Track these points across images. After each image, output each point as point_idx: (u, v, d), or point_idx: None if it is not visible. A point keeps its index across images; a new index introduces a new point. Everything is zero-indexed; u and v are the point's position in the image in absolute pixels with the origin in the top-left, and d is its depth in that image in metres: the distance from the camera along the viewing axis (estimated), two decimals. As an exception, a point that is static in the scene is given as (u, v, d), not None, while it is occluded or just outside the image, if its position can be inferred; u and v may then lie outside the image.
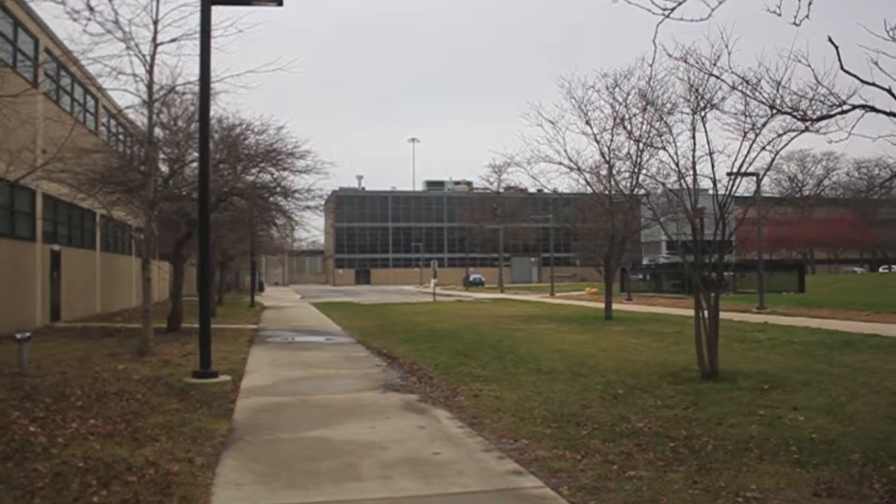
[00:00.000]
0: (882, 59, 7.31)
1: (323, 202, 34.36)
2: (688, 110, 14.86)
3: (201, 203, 14.80)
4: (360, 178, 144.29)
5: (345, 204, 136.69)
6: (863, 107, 7.85)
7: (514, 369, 15.71)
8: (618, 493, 7.03)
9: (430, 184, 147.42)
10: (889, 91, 7.14)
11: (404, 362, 17.34)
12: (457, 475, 7.73)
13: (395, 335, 24.67)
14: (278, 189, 28.37)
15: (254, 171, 27.11)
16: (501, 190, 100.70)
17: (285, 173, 27.60)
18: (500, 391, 12.89)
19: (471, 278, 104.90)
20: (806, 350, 18.21)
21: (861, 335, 21.32)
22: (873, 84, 7.27)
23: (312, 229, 49.58)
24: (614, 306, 32.95)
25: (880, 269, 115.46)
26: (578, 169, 30.79)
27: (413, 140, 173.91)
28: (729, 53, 12.42)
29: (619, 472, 7.69)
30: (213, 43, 14.58)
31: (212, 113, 19.82)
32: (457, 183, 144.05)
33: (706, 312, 13.90)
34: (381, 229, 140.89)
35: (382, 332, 25.99)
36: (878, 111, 7.57)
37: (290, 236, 54.14)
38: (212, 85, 15.92)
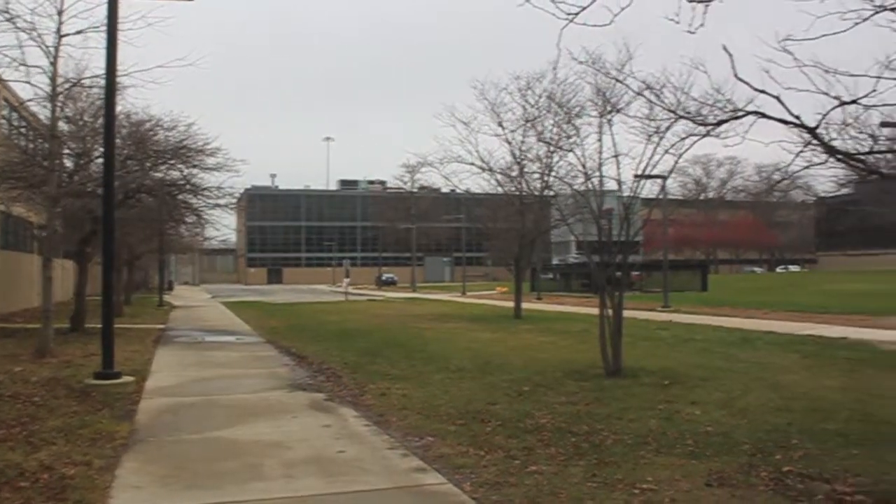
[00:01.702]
0: (773, 69, 7.63)
1: (234, 200, 33.96)
2: (595, 113, 15.23)
3: (106, 200, 14.46)
4: (273, 176, 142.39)
5: (257, 202, 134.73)
6: (755, 113, 8.19)
7: (422, 367, 15.79)
8: (519, 488, 7.16)
9: (344, 183, 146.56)
10: (778, 98, 7.46)
11: (313, 361, 17.27)
12: (361, 473, 7.76)
13: (306, 334, 24.53)
14: (188, 186, 27.87)
15: (163, 167, 26.59)
16: (415, 190, 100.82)
17: (195, 170, 27.16)
18: (408, 389, 12.95)
19: (383, 278, 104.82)
20: (706, 347, 18.81)
21: (758, 332, 22.16)
22: (763, 92, 7.59)
23: (223, 228, 48.80)
24: (524, 305, 33.35)
25: (778, 269, 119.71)
26: (490, 170, 31.12)
27: (328, 139, 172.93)
28: (630, 59, 12.80)
29: (521, 468, 7.84)
30: (121, 36, 14.31)
31: (119, 108, 19.43)
32: (371, 182, 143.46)
33: (610, 311, 14.23)
34: (293, 228, 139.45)
35: (292, 332, 25.81)
36: (769, 118, 7.90)
37: (201, 235, 53.25)
38: (119, 79, 15.62)
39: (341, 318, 33.49)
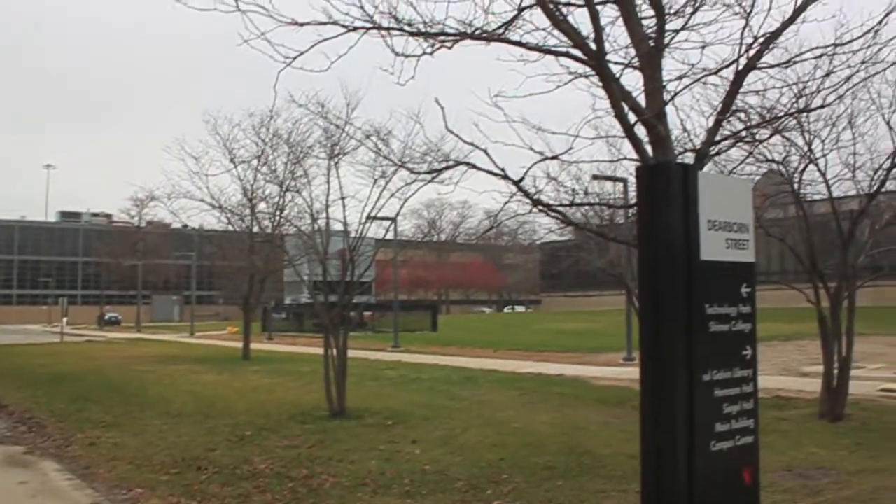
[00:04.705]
0: (486, 123, 8.03)
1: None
2: (324, 155, 15.45)
3: None
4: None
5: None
6: (466, 163, 8.58)
7: (139, 413, 14.97)
8: (230, 538, 6.93)
9: (66, 214, 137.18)
10: (485, 152, 7.85)
11: (14, 411, 15.86)
12: (56, 532, 7.18)
13: (9, 380, 22.36)
14: None
15: None
16: (143, 225, 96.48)
17: None
18: (121, 437, 12.22)
19: (107, 317, 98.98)
20: (432, 386, 19.27)
21: (482, 370, 23.05)
22: (473, 145, 7.95)
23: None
24: (255, 346, 32.70)
25: (506, 310, 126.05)
26: (220, 207, 30.35)
27: (48, 167, 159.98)
28: (348, 105, 13.24)
29: (234, 516, 7.59)
30: None
31: None
32: (95, 215, 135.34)
33: (335, 351, 14.27)
34: (4, 262, 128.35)
35: (-6, 378, 23.58)
36: (477, 168, 8.28)
37: None
38: None
39: (54, 360, 30.99)
